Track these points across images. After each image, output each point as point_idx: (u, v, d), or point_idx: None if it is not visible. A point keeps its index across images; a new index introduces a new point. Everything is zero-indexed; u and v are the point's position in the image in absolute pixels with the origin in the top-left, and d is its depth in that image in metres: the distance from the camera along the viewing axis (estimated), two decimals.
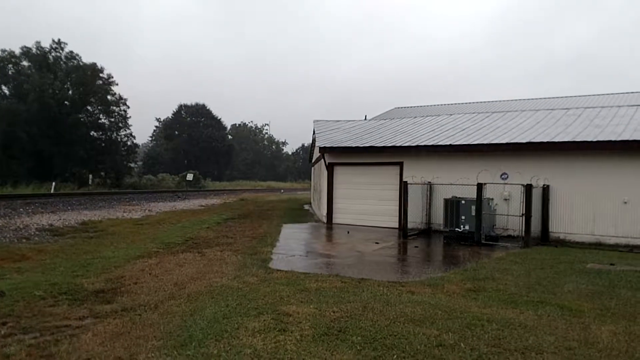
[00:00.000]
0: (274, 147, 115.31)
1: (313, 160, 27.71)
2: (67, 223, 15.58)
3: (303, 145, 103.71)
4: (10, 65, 42.28)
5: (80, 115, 44.62)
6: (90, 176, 41.61)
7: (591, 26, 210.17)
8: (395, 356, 4.49)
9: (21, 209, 18.88)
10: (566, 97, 32.27)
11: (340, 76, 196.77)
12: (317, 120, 24.22)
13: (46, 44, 44.38)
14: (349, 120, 24.38)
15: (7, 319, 5.57)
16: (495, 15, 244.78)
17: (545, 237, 13.66)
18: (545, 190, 13.83)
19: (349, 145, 17.68)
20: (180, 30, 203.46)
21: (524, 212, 12.54)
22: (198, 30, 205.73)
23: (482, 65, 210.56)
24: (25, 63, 43.16)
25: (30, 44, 43.90)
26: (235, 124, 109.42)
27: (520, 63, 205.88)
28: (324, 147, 17.95)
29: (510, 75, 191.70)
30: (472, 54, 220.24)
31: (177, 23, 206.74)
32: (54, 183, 34.05)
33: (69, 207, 21.23)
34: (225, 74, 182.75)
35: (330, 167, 18.37)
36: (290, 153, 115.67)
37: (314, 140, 24.46)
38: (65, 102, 43.26)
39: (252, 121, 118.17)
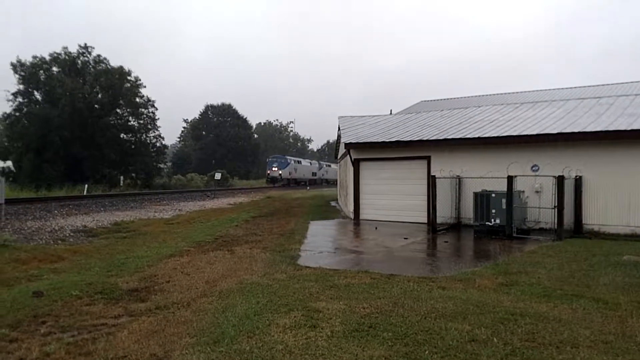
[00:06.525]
0: (299, 144, 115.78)
1: (339, 157, 27.67)
2: (100, 224, 15.96)
3: (328, 141, 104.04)
4: (41, 72, 43.39)
5: (110, 118, 45.51)
6: (121, 177, 42.51)
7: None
8: (427, 352, 4.45)
9: (56, 211, 19.43)
10: (597, 85, 31.40)
11: (376, 70, 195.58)
12: (342, 116, 24.16)
13: (73, 48, 45.62)
14: (374, 115, 24.26)
15: (46, 318, 5.75)
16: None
17: (578, 229, 13.34)
18: (578, 181, 13.50)
19: (375, 141, 17.58)
20: (214, 32, 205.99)
21: (556, 205, 12.27)
22: (231, 33, 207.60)
23: (535, 55, 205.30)
24: (55, 69, 44.28)
25: (71, 45, 45.34)
26: (260, 123, 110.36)
27: (569, 52, 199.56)
28: (350, 143, 17.90)
29: (560, 63, 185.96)
30: (526, 41, 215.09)
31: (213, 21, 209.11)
32: (86, 185, 34.89)
33: (101, 208, 21.75)
34: (251, 74, 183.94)
35: (356, 163, 18.30)
36: (315, 150, 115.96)
37: (339, 137, 24.41)
38: (95, 106, 44.17)
39: (277, 119, 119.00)
